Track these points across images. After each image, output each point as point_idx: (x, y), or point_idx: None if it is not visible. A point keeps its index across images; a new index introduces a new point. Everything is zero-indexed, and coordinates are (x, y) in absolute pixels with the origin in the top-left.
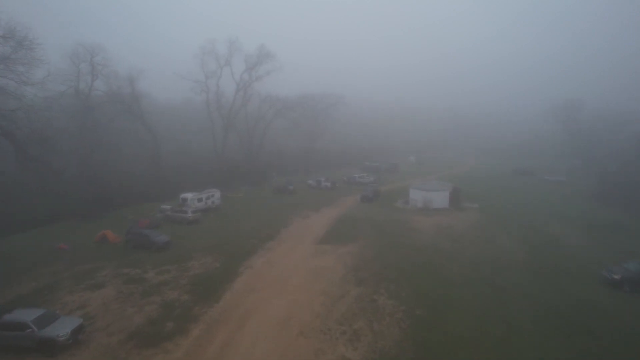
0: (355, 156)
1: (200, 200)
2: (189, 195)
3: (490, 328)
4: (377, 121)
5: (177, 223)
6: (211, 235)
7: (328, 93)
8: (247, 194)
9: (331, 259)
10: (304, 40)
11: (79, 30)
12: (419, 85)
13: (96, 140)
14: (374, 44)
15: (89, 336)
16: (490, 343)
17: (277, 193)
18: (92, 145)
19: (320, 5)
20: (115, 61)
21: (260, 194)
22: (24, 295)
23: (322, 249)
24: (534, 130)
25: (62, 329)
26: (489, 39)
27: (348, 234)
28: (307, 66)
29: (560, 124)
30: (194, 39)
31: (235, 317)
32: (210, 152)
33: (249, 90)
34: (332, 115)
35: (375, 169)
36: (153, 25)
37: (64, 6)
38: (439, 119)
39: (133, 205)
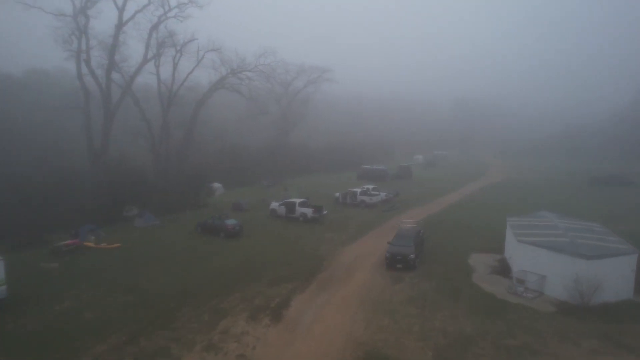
0: (347, 156)
1: None
2: None
3: None
4: (373, 114)
5: None
6: None
7: (308, 65)
8: (138, 238)
9: None
10: (297, 38)
11: None
12: (420, 80)
13: None
14: (374, 42)
15: None
16: None
17: (207, 233)
18: None
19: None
20: None
21: (165, 238)
22: None
23: None
24: (570, 122)
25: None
26: (491, 31)
27: None
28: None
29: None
30: None
31: None
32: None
33: (159, 33)
34: (313, 96)
35: (380, 174)
36: None
37: None
38: (446, 112)
39: None
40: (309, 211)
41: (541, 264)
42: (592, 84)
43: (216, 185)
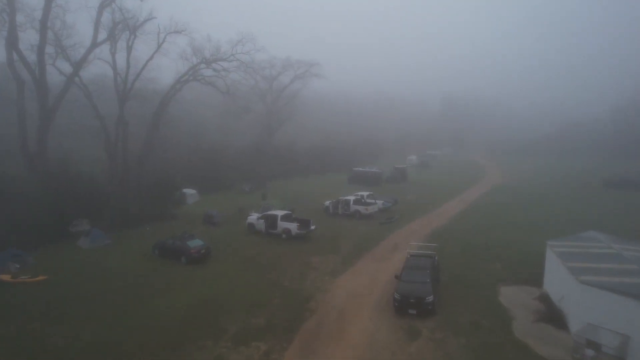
0: (337, 158)
1: None
2: None
3: None
4: (366, 114)
5: None
6: None
7: (295, 59)
8: (77, 264)
9: None
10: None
11: None
12: (420, 80)
13: None
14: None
15: None
16: None
17: (166, 256)
18: None
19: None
20: None
21: (112, 264)
22: None
23: None
24: (565, 122)
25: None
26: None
27: None
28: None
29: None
30: None
31: None
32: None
33: (115, 13)
34: (301, 93)
35: (374, 178)
36: None
37: None
38: (437, 111)
39: None
40: (293, 226)
41: (621, 317)
42: (592, 83)
43: (189, 191)
